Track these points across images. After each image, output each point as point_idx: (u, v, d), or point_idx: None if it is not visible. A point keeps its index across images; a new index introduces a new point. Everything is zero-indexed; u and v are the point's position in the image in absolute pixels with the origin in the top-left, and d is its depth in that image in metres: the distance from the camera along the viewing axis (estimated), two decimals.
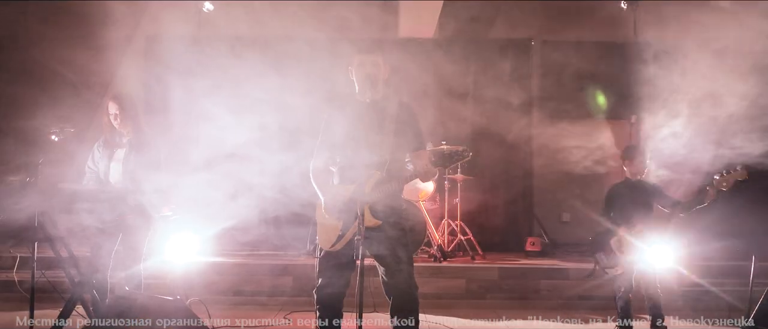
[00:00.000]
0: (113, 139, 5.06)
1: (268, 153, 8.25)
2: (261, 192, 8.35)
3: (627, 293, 5.41)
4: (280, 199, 7.47)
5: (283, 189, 7.38)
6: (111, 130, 5.05)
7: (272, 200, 7.67)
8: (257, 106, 8.16)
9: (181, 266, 6.21)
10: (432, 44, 9.22)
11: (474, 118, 9.13)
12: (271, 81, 8.42)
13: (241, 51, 8.43)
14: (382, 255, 3.93)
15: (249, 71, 8.25)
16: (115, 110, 4.99)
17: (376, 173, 3.90)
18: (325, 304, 4.00)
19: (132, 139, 5.03)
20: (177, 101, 7.98)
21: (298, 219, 7.83)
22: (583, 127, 9.21)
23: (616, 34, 9.38)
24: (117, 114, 4.99)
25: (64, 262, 4.33)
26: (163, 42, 8.61)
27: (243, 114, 8.14)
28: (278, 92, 8.45)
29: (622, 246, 5.34)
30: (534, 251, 8.34)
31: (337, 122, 4.07)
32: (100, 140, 5.13)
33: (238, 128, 7.86)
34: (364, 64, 4.03)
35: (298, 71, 8.13)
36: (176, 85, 7.92)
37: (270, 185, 7.96)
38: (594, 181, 9.48)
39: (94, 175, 5.04)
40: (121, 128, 5.02)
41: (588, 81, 9.36)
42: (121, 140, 5.05)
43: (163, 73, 8.10)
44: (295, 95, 8.14)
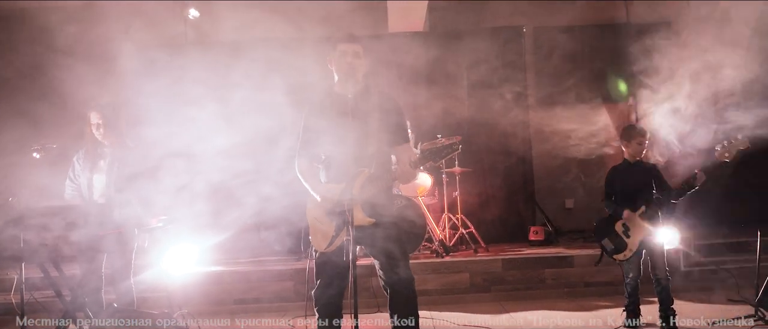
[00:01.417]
0: (95, 150, 4.94)
1: (262, 158, 8.17)
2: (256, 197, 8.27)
3: (635, 278, 5.32)
4: (275, 203, 7.39)
5: (279, 193, 7.30)
6: (93, 141, 4.94)
7: (268, 204, 7.58)
8: (248, 111, 8.07)
9: (179, 277, 6.13)
10: (423, 37, 9.12)
11: (469, 108, 9.03)
12: (262, 85, 8.34)
13: (230, 56, 8.32)
14: (378, 253, 3.86)
15: (238, 76, 8.15)
16: (97, 119, 4.88)
17: (364, 170, 3.80)
18: (324, 305, 3.92)
19: (115, 150, 4.92)
20: (166, 110, 7.87)
21: (294, 222, 7.73)
22: (580, 111, 9.11)
23: (608, 16, 9.29)
24: (99, 124, 4.88)
25: (54, 282, 4.22)
26: (150, 51, 8.51)
27: (234, 120, 8.05)
28: (269, 96, 8.35)
29: (628, 230, 5.25)
30: (537, 240, 8.23)
31: (318, 117, 3.96)
32: (80, 152, 5.01)
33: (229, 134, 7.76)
34: (346, 53, 3.91)
35: (289, 73, 8.02)
36: (165, 93, 7.82)
37: (265, 190, 7.87)
38: (595, 165, 9.39)
39: (76, 188, 4.93)
40: (104, 139, 4.91)
41: (582, 65, 9.26)
42: (104, 151, 4.94)
43: (150, 82, 8.00)
44: (287, 97, 8.04)
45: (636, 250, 5.22)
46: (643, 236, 5.19)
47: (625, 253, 5.27)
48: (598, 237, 5.45)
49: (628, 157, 5.42)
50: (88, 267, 4.70)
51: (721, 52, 7.01)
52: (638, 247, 5.22)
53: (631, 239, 5.23)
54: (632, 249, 5.23)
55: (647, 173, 5.34)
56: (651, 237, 5.18)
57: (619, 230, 5.30)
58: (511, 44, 9.22)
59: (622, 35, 9.02)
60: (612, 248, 5.34)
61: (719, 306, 5.74)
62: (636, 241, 5.21)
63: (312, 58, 8.09)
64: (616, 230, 5.32)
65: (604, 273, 6.79)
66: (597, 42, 9.28)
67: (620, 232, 5.30)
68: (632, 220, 5.22)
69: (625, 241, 5.26)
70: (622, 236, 5.28)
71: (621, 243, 5.28)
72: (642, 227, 5.20)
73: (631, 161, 5.40)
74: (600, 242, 5.43)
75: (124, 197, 4.63)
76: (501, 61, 9.10)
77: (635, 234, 5.22)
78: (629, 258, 5.27)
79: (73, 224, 4.16)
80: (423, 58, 8.81)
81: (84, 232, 4.18)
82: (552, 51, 9.38)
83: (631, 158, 5.41)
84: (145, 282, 5.06)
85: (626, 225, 5.26)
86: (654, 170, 5.37)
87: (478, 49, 9.02)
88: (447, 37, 9.17)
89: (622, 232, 5.29)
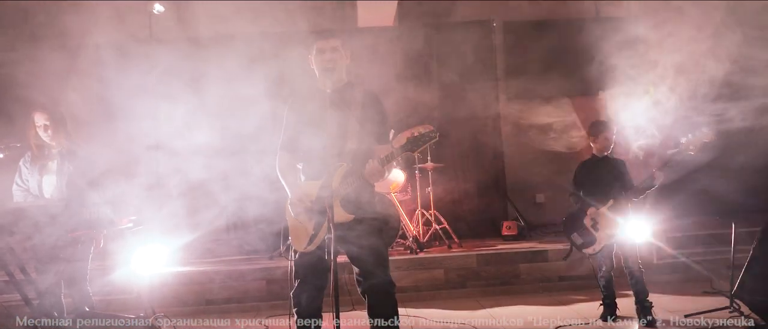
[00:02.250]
0: (42, 152, 4.77)
1: (231, 155, 8.03)
2: (226, 196, 8.13)
3: (608, 271, 5.33)
4: (246, 202, 7.27)
5: (250, 192, 7.17)
6: (39, 143, 4.76)
7: (238, 203, 7.46)
8: (214, 108, 7.93)
9: (148, 278, 5.96)
10: (392, 32, 9.04)
11: (440, 103, 8.99)
12: (228, 81, 8.19)
13: (196, 52, 8.17)
14: (356, 254, 3.75)
15: (205, 72, 8.00)
16: (44, 120, 4.71)
17: (341, 164, 3.71)
18: (303, 307, 3.81)
19: (63, 150, 4.75)
20: (132, 107, 7.69)
21: (267, 221, 7.62)
22: (550, 106, 9.12)
23: (577, 11, 9.31)
24: (47, 125, 4.70)
25: (19, 285, 4.05)
26: (114, 48, 8.29)
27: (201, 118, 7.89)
28: (236, 92, 8.21)
29: (597, 224, 5.25)
30: (510, 235, 8.22)
31: (298, 114, 3.88)
32: (25, 155, 4.82)
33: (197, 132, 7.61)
34: (324, 50, 3.83)
35: (257, 69, 7.88)
36: (130, 92, 7.63)
37: (235, 189, 7.74)
38: (565, 159, 9.39)
39: (24, 191, 4.76)
40: (52, 140, 4.74)
41: (552, 59, 9.26)
42: (51, 151, 4.77)
43: (115, 81, 7.80)
44: (255, 93, 7.91)
45: (605, 243, 5.23)
46: (612, 229, 5.19)
47: (595, 247, 5.28)
48: (567, 232, 5.47)
49: (596, 151, 5.45)
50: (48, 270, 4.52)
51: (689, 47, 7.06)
52: (609, 241, 5.23)
53: (600, 232, 5.24)
54: (602, 243, 5.24)
55: (615, 168, 5.37)
56: (620, 231, 5.19)
57: (588, 224, 5.31)
58: (481, 39, 9.19)
59: (593, 30, 9.04)
60: (581, 242, 5.36)
61: (694, 297, 5.77)
62: (605, 235, 5.22)
63: (279, 54, 8.01)
64: (585, 224, 5.32)
65: (578, 267, 6.80)
66: (567, 37, 9.28)
67: (589, 226, 5.30)
68: (600, 214, 5.22)
69: (594, 235, 5.27)
70: (591, 230, 5.28)
71: (590, 237, 5.29)
72: (611, 220, 5.21)
73: (599, 155, 5.43)
74: (569, 236, 5.44)
75: (82, 198, 4.46)
76: (472, 56, 9.06)
77: (604, 228, 5.23)
78: (599, 251, 5.28)
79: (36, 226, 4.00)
80: (393, 53, 8.75)
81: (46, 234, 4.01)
82: (522, 46, 9.37)
83: (598, 153, 5.44)
84: (114, 283, 4.89)
85: (594, 219, 5.26)
86: (621, 166, 5.40)
87: (449, 44, 8.99)
88: (417, 31, 9.11)
89: (591, 226, 5.29)
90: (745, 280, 4.80)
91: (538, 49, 9.29)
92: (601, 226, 5.24)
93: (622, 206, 5.17)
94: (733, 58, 6.97)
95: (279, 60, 7.90)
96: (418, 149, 3.66)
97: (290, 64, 7.77)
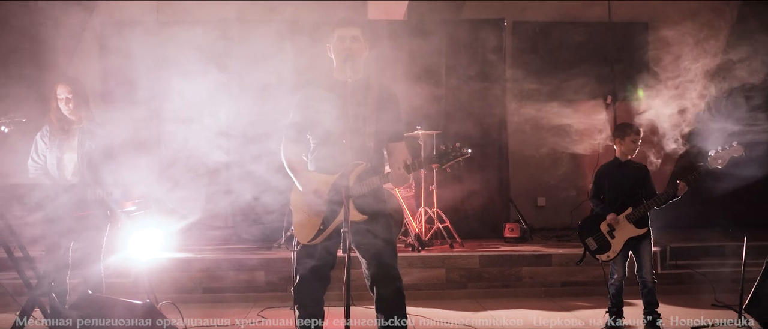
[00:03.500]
0: (62, 127, 4.64)
1: (234, 142, 7.94)
2: (228, 184, 8.05)
3: (619, 279, 5.24)
4: (248, 190, 7.19)
5: (251, 180, 7.09)
6: (59, 117, 4.64)
7: (240, 191, 7.37)
8: (220, 93, 7.84)
9: (145, 263, 5.87)
10: (403, 26, 8.93)
11: (447, 99, 8.88)
12: (235, 66, 8.10)
13: (203, 36, 8.04)
14: (366, 249, 3.66)
15: (211, 57, 7.90)
16: (66, 93, 4.58)
17: (361, 163, 3.61)
18: (304, 302, 3.72)
19: (83, 126, 4.64)
20: (136, 90, 7.59)
21: (267, 210, 7.54)
22: (557, 108, 9.03)
23: (589, 13, 9.23)
24: (69, 98, 4.57)
25: (19, 264, 3.94)
26: (121, 29, 8.17)
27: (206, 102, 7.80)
28: (241, 78, 8.13)
29: (613, 230, 5.17)
30: (513, 237, 8.14)
31: (313, 103, 3.73)
32: (43, 129, 4.70)
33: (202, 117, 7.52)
34: (344, 38, 3.69)
35: (264, 55, 7.77)
36: (135, 72, 7.52)
37: (237, 176, 7.66)
38: (568, 164, 9.36)
39: (40, 167, 4.64)
40: (72, 115, 4.61)
41: (562, 61, 9.18)
42: (72, 127, 4.65)
43: (120, 61, 7.70)
44: (260, 80, 7.82)
45: (620, 251, 5.15)
46: (628, 237, 5.12)
47: (609, 254, 5.19)
48: (582, 236, 5.36)
49: (620, 155, 5.33)
50: (53, 250, 4.42)
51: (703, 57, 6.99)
52: (622, 248, 5.15)
53: (615, 239, 5.16)
54: (616, 250, 5.16)
55: (637, 174, 5.27)
56: (637, 239, 5.11)
57: (604, 230, 5.22)
58: (491, 37, 9.08)
59: (604, 33, 8.97)
60: (595, 247, 5.27)
61: (702, 310, 5.69)
62: (620, 242, 5.15)
63: (290, 43, 7.92)
64: (601, 229, 5.24)
65: (581, 273, 6.73)
66: (578, 39, 9.20)
67: (605, 232, 5.22)
68: (618, 222, 5.14)
69: (609, 241, 5.18)
70: (607, 236, 5.20)
71: (605, 243, 5.21)
72: (627, 228, 5.13)
73: (622, 159, 5.31)
74: (584, 240, 5.34)
75: (98, 177, 4.36)
76: (481, 54, 8.96)
77: (620, 235, 5.15)
78: (613, 258, 5.20)
79: (42, 204, 3.89)
80: (401, 47, 8.65)
81: (54, 212, 3.91)
82: (532, 46, 9.29)
83: (622, 157, 5.32)
84: (111, 267, 4.79)
85: (611, 226, 5.18)
86: (643, 172, 5.30)
87: (458, 41, 8.89)
88: (427, 27, 8.99)
89: (606, 232, 5.21)
90: (758, 295, 4.73)
91: (548, 51, 9.21)
92: (617, 233, 5.16)
93: (641, 214, 5.08)
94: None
95: (287, 46, 7.81)
96: (447, 164, 3.59)
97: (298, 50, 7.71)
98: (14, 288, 4.71)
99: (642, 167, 5.32)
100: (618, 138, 5.30)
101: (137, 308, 3.43)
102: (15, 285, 4.78)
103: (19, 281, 3.99)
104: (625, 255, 5.20)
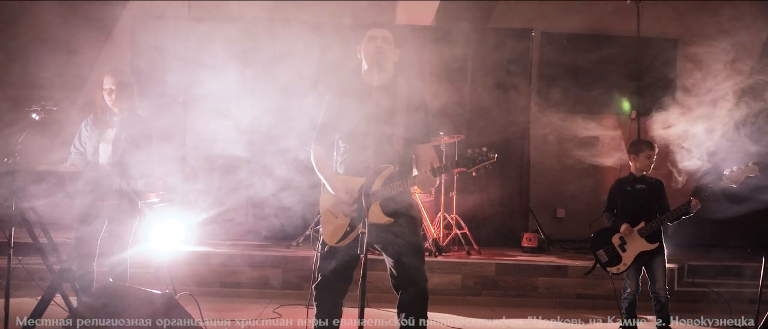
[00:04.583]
0: (104, 117, 4.75)
1: (258, 139, 8.02)
2: (249, 180, 8.13)
3: (633, 294, 5.25)
4: (268, 187, 7.26)
5: (272, 177, 7.16)
6: (103, 107, 4.74)
7: (260, 188, 7.45)
8: (247, 90, 7.92)
9: (165, 255, 5.96)
10: (430, 31, 8.97)
11: (471, 106, 8.89)
12: (263, 64, 8.17)
13: (233, 33, 8.13)
14: (393, 253, 3.66)
15: (241, 54, 7.99)
16: (111, 84, 4.68)
17: (389, 166, 3.62)
18: (324, 302, 3.74)
19: (124, 118, 4.74)
20: (164, 84, 7.69)
21: (286, 208, 7.60)
22: (582, 121, 9.00)
23: (618, 27, 9.19)
24: (112, 89, 4.68)
25: (43, 249, 4.03)
26: (151, 22, 8.30)
27: (231, 98, 7.90)
28: (268, 76, 8.19)
29: (624, 244, 5.18)
30: (530, 247, 8.12)
31: (342, 105, 3.74)
32: (88, 118, 4.81)
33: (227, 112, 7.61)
34: (375, 38, 3.72)
35: (292, 54, 7.86)
36: (164, 67, 7.63)
37: (258, 173, 7.74)
38: (590, 176, 9.32)
39: (80, 155, 4.74)
40: (114, 106, 4.72)
41: (588, 74, 9.15)
42: (112, 119, 4.75)
43: (150, 54, 7.82)
44: (287, 79, 7.89)
45: (631, 265, 5.16)
46: (640, 251, 5.12)
47: (619, 267, 5.21)
48: (593, 248, 5.38)
49: (635, 170, 5.36)
50: (83, 235, 4.52)
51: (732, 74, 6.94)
52: (633, 262, 5.16)
53: (626, 253, 5.18)
54: (627, 263, 5.18)
55: (651, 189, 5.28)
56: (649, 254, 5.11)
57: (616, 243, 5.24)
58: (518, 47, 9.10)
59: (632, 47, 8.94)
60: (606, 260, 5.28)
61: None
62: (631, 256, 5.16)
63: (318, 44, 7.99)
64: (613, 242, 5.26)
65: (596, 287, 6.72)
66: (605, 52, 9.16)
67: (616, 245, 5.23)
68: (630, 235, 5.15)
69: (620, 255, 5.20)
70: (618, 249, 5.21)
71: (616, 256, 5.22)
72: (639, 242, 5.14)
73: (637, 174, 5.34)
74: (595, 252, 5.36)
75: (128, 168, 4.44)
76: (507, 63, 8.97)
77: (631, 249, 5.17)
78: (623, 272, 5.21)
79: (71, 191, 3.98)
80: (428, 52, 8.68)
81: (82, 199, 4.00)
82: (559, 58, 9.27)
83: (637, 172, 5.34)
84: (132, 257, 4.88)
85: (623, 239, 5.19)
86: (658, 187, 5.31)
87: (486, 49, 8.89)
88: (454, 33, 9.01)
89: (618, 245, 5.22)
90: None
91: (575, 63, 9.19)
92: (628, 247, 5.16)
93: (653, 229, 5.09)
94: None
95: (315, 47, 7.88)
96: (473, 168, 3.60)
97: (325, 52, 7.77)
98: (34, 273, 4.78)
99: (657, 182, 5.33)
100: (633, 154, 5.34)
101: (157, 298, 3.50)
102: (34, 270, 4.87)
103: (36, 266, 4.07)
104: (638, 269, 5.21)
